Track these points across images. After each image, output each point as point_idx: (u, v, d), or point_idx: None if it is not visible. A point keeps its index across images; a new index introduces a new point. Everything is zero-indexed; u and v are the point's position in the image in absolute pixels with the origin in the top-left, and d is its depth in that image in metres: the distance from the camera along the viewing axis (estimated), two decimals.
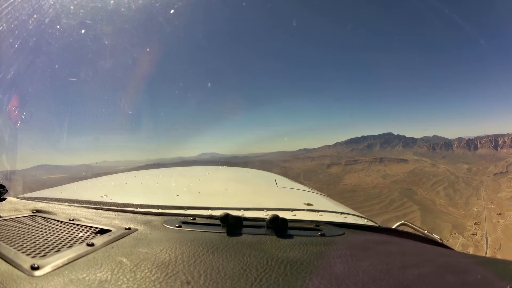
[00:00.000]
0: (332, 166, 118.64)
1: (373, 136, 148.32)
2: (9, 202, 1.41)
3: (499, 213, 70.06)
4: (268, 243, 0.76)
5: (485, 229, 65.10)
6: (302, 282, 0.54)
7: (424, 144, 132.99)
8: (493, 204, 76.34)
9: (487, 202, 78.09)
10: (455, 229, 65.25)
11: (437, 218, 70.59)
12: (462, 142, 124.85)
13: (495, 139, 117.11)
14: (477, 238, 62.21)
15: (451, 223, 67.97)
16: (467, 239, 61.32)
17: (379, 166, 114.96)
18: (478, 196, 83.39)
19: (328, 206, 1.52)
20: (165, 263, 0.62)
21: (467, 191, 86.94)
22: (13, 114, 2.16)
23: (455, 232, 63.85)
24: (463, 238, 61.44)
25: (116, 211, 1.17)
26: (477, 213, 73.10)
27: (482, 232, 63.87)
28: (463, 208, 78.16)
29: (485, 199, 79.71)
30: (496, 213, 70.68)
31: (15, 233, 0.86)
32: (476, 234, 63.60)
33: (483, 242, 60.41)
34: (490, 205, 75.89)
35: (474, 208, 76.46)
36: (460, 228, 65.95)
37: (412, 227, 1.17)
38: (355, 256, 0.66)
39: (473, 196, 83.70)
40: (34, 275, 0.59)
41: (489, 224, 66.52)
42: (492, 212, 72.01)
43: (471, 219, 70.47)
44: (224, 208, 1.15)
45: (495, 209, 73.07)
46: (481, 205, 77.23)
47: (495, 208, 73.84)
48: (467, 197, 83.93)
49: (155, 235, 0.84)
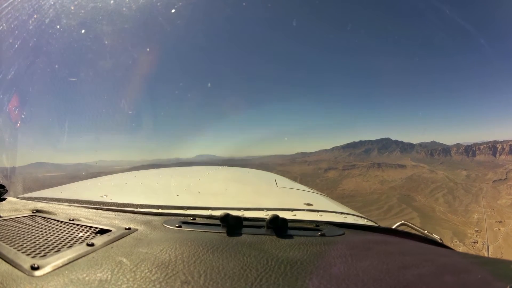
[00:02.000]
0: (329, 171, 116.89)
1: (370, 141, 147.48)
2: (9, 202, 1.41)
3: (500, 220, 68.74)
4: (268, 243, 0.76)
5: (485, 237, 63.54)
6: (302, 282, 0.54)
7: (422, 150, 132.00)
8: (493, 211, 74.91)
9: (487, 209, 76.63)
10: (455, 236, 63.52)
11: (437, 225, 68.65)
12: (461, 148, 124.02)
13: (494, 146, 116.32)
14: (478, 246, 60.55)
15: (451, 231, 66.23)
16: (468, 247, 59.56)
17: (376, 172, 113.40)
18: (477, 203, 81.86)
19: (328, 206, 1.52)
20: (165, 263, 0.62)
21: (467, 198, 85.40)
22: (13, 114, 2.18)
23: (456, 239, 62.07)
24: (464, 246, 59.66)
25: (116, 211, 1.17)
26: (478, 221, 71.55)
27: (483, 240, 62.40)
28: (463, 215, 76.54)
29: (485, 206, 78.23)
30: (496, 221, 69.27)
31: (15, 233, 0.86)
32: (477, 242, 62.09)
33: (484, 251, 58.71)
34: (490, 213, 74.47)
35: (474, 215, 74.92)
36: (461, 236, 64.29)
37: (412, 227, 1.17)
38: (355, 256, 0.66)
39: (472, 203, 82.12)
40: (34, 275, 0.59)
41: (490, 232, 65.05)
42: (492, 219, 70.53)
43: (472, 226, 68.93)
44: (224, 208, 1.16)
45: (495, 217, 71.66)
46: (481, 212, 75.71)
47: (495, 215, 72.42)
48: (466, 204, 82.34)
49: (155, 235, 0.84)
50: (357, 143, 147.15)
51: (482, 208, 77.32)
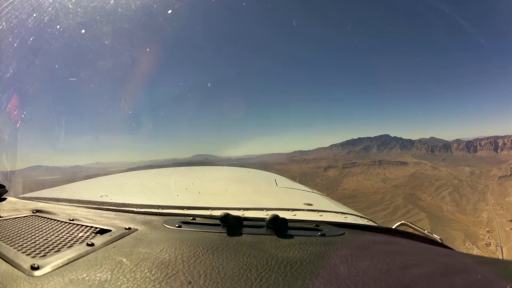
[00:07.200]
0: (329, 169, 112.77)
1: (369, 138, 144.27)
2: (9, 202, 1.41)
3: (511, 219, 65.45)
4: (268, 243, 0.76)
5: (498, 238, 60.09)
6: (302, 282, 0.54)
7: (422, 146, 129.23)
8: (502, 209, 71.85)
9: (495, 207, 73.56)
10: (468, 238, 59.87)
11: (447, 227, 64.99)
12: (461, 144, 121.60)
13: (495, 141, 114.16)
14: (491, 249, 56.98)
15: (462, 232, 62.60)
16: (482, 250, 55.97)
17: (378, 169, 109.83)
18: (485, 201, 78.79)
19: (328, 206, 1.51)
20: (165, 263, 0.62)
21: (474, 196, 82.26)
22: (12, 114, 2.17)
23: (469, 242, 58.44)
24: (477, 249, 56.02)
25: (116, 211, 1.17)
26: (488, 220, 68.33)
27: (496, 242, 58.88)
28: (472, 214, 73.25)
29: (493, 204, 75.19)
30: (507, 220, 66.06)
31: (15, 233, 0.86)
32: (490, 244, 58.56)
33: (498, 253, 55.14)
34: (500, 211, 71.41)
35: (483, 214, 71.72)
36: (473, 238, 60.68)
37: (412, 227, 1.17)
38: (355, 256, 0.66)
39: (480, 201, 78.96)
40: (34, 275, 0.59)
41: (501, 233, 61.70)
42: (502, 218, 67.37)
43: (482, 226, 65.55)
44: (224, 208, 1.16)
45: (505, 215, 68.52)
46: (490, 211, 72.61)
47: (505, 214, 69.32)
48: (474, 202, 79.13)
49: (155, 235, 0.84)
50: (356, 140, 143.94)
51: (491, 207, 74.22)
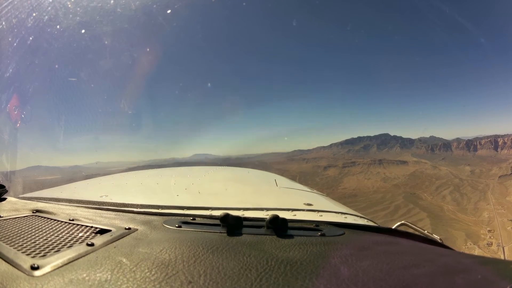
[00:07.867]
0: (329, 168, 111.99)
1: (369, 137, 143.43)
2: (9, 202, 1.41)
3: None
4: (268, 243, 0.76)
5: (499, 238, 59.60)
6: (302, 282, 0.54)
7: (422, 145, 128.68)
8: (503, 209, 71.28)
9: (496, 207, 72.99)
10: (469, 238, 59.34)
11: (449, 227, 64.48)
12: (461, 143, 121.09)
13: (495, 140, 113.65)
14: (493, 249, 56.45)
15: (464, 232, 62.08)
16: (483, 249, 55.42)
17: (378, 169, 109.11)
18: (486, 200, 78.23)
19: (328, 206, 1.51)
20: (165, 263, 0.62)
21: (474, 195, 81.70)
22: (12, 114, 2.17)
23: (470, 242, 57.91)
24: (479, 248, 55.47)
25: (116, 211, 1.16)
26: (489, 220, 67.75)
27: (498, 242, 58.39)
28: (473, 214, 72.66)
29: (494, 204, 74.62)
30: (508, 219, 65.43)
31: (15, 233, 0.86)
32: (491, 243, 58.03)
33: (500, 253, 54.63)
34: (501, 210, 70.81)
35: (484, 213, 71.09)
36: (474, 237, 60.14)
37: (412, 227, 1.17)
38: (355, 256, 0.66)
39: (481, 201, 78.41)
40: (34, 275, 0.59)
41: (503, 232, 61.17)
42: (504, 218, 66.78)
43: (484, 226, 64.99)
44: (224, 208, 1.16)
45: (506, 215, 67.93)
46: (491, 210, 72.03)
47: (506, 213, 68.72)
48: (475, 201, 78.57)
49: (155, 235, 0.84)
50: (356, 139, 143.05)
51: (492, 206, 73.67)
